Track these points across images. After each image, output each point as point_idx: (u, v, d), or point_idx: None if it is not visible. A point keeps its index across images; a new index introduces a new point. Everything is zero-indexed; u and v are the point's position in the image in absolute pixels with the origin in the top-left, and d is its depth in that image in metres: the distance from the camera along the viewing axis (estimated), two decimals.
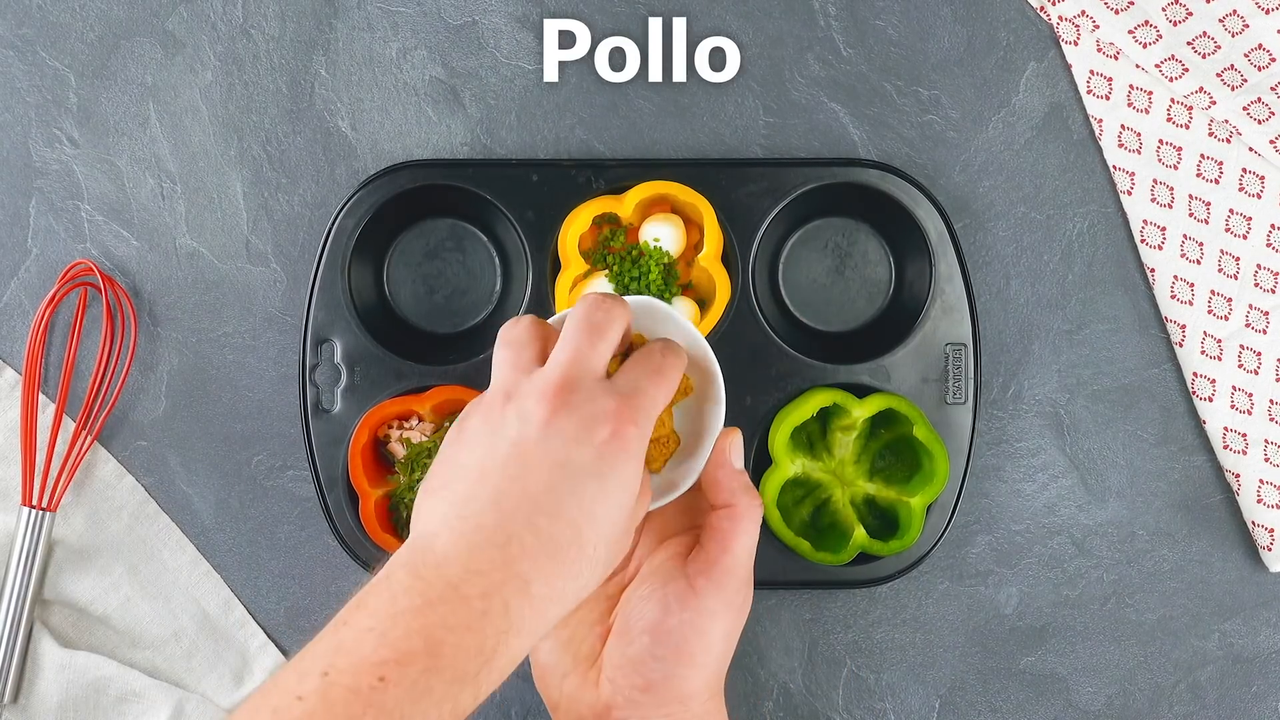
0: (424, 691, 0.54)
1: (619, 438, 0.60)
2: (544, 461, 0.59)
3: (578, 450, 0.59)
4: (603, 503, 0.60)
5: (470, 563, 0.57)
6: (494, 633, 0.56)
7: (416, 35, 0.88)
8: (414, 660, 0.55)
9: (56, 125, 0.88)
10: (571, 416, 0.60)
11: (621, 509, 0.61)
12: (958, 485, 0.83)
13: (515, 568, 0.57)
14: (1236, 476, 0.86)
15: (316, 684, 0.54)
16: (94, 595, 0.86)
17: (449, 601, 0.56)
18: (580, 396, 0.61)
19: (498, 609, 0.57)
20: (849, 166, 0.85)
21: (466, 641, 0.56)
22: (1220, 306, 0.86)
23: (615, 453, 0.60)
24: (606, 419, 0.60)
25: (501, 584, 0.57)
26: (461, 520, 0.59)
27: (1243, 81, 0.86)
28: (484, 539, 0.58)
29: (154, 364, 0.87)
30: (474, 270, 0.87)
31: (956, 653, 0.87)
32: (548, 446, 0.59)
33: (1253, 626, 0.87)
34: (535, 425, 0.60)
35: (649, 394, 0.62)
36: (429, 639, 0.55)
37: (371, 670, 0.54)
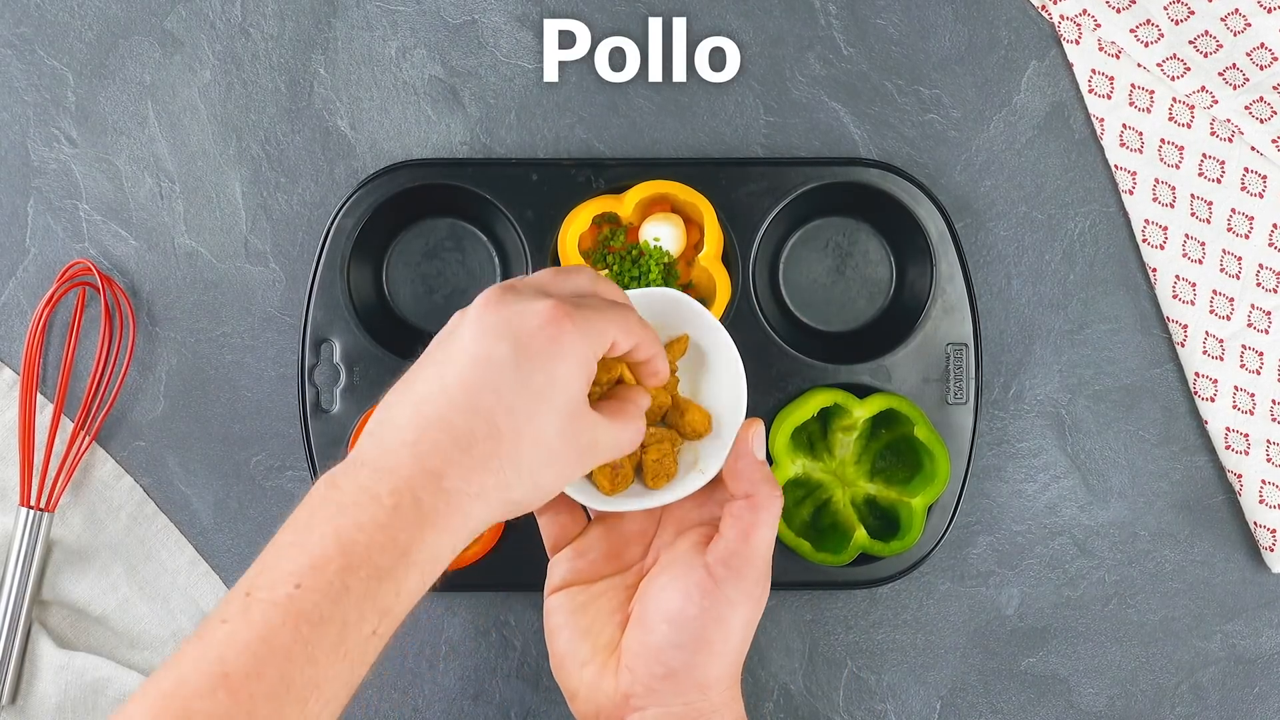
0: (341, 591, 0.55)
1: (549, 332, 0.59)
2: (464, 357, 0.59)
3: (499, 344, 0.59)
4: (523, 396, 0.58)
5: (381, 462, 0.57)
6: (405, 526, 0.56)
7: (416, 34, 0.88)
8: (328, 562, 0.55)
9: (55, 124, 0.87)
10: (501, 312, 0.60)
11: (550, 411, 0.59)
12: (959, 486, 0.83)
13: (424, 463, 0.57)
14: (1238, 477, 0.86)
15: (239, 604, 0.55)
16: (92, 596, 0.86)
17: (360, 504, 0.56)
18: (514, 295, 0.61)
19: (408, 504, 0.57)
20: (850, 166, 0.84)
21: (377, 538, 0.56)
22: (1222, 306, 0.86)
23: (542, 349, 0.59)
24: (535, 314, 0.59)
25: (410, 479, 0.57)
26: (380, 425, 0.59)
27: (1244, 80, 0.86)
28: (396, 439, 0.58)
29: (152, 364, 0.87)
30: (473, 270, 0.87)
31: (958, 654, 0.87)
32: (472, 343, 0.59)
33: (1255, 627, 0.87)
34: (468, 325, 0.60)
35: (596, 308, 0.62)
36: (340, 540, 0.56)
37: (288, 579, 0.55)
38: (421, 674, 0.87)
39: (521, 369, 0.59)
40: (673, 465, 0.69)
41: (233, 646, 0.54)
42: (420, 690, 0.87)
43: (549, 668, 0.86)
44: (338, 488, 0.58)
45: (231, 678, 0.54)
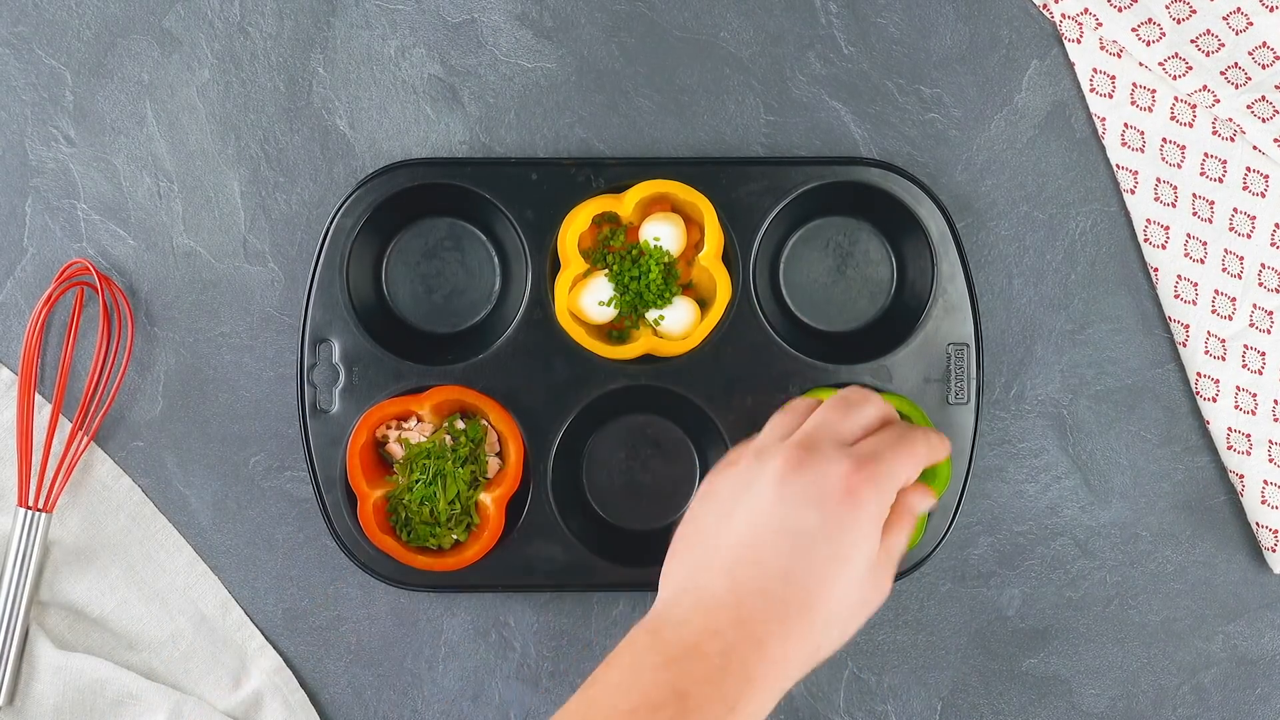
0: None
1: (851, 499, 0.62)
2: (774, 527, 0.62)
3: (807, 513, 0.62)
4: (834, 566, 0.62)
5: (707, 624, 0.61)
6: (734, 685, 0.59)
7: (415, 33, 0.87)
8: (664, 707, 0.58)
9: (53, 124, 0.87)
10: (804, 476, 0.63)
11: (855, 572, 0.63)
12: (960, 486, 0.83)
13: (749, 629, 0.61)
14: (1240, 477, 0.85)
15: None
16: (90, 597, 0.86)
17: (690, 658, 0.60)
18: (816, 457, 0.63)
19: (736, 664, 0.60)
20: (850, 165, 0.84)
21: (709, 692, 0.59)
22: (1224, 306, 0.86)
23: (846, 514, 0.62)
24: (839, 479, 0.63)
25: (737, 643, 0.60)
26: (698, 589, 0.62)
27: (1246, 80, 0.85)
28: (717, 603, 0.61)
29: (151, 364, 0.87)
30: (473, 270, 0.87)
31: (959, 654, 0.87)
32: (779, 511, 0.62)
33: (1257, 628, 0.87)
34: (770, 489, 0.63)
35: (888, 460, 0.65)
36: (675, 689, 0.59)
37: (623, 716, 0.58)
38: (421, 675, 0.86)
39: (829, 538, 0.62)
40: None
41: None
42: (420, 691, 0.86)
43: (549, 669, 0.86)
44: (663, 639, 0.61)
45: None
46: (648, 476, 0.86)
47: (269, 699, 0.85)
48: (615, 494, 0.86)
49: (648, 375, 0.84)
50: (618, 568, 0.83)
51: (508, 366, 0.83)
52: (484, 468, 0.83)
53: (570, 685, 0.86)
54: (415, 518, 0.82)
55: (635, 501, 0.86)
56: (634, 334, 0.84)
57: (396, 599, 0.86)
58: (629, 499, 0.86)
